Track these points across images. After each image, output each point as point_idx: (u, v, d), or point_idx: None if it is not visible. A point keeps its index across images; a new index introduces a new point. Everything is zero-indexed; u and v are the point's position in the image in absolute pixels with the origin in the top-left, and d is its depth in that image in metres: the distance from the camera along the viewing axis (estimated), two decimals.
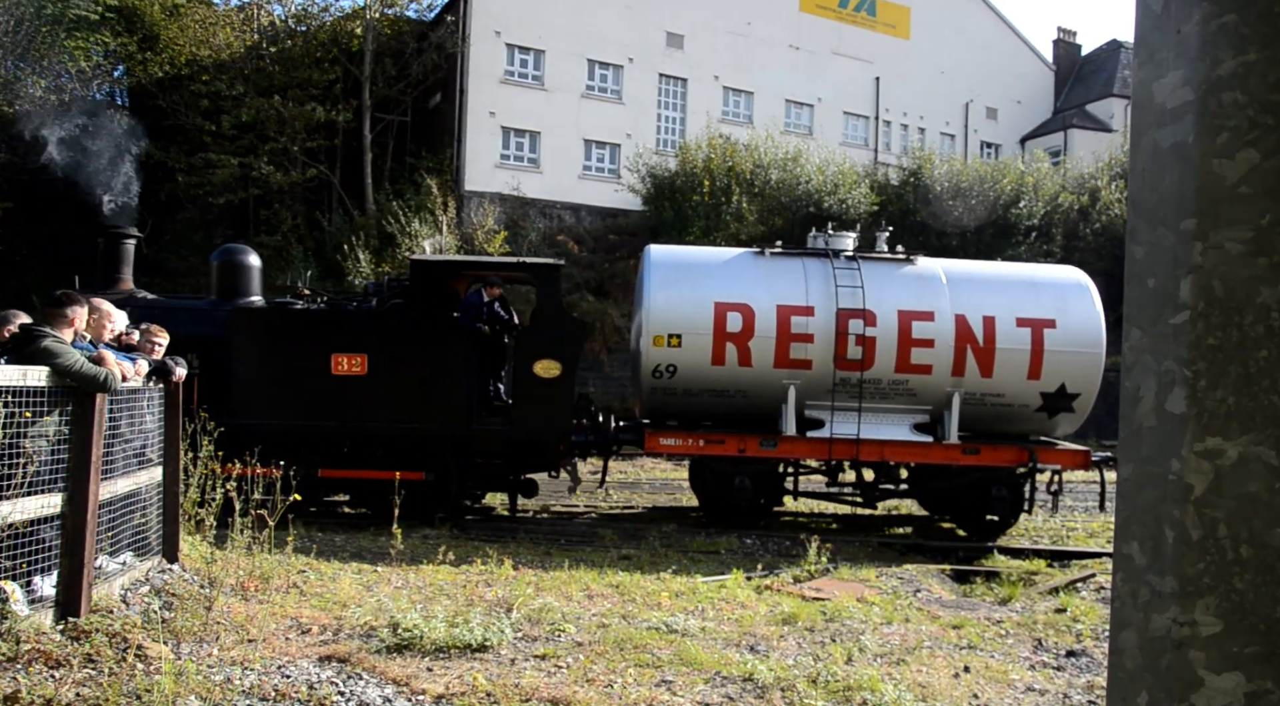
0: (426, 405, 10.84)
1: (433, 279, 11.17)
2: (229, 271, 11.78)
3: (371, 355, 10.78)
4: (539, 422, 11.00)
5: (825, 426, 11.57)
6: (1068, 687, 5.58)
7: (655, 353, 11.45)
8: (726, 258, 12.30)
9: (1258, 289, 1.34)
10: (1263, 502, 1.34)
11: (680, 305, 11.49)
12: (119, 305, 10.92)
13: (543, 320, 11.24)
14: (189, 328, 10.89)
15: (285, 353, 10.83)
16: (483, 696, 4.59)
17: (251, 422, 10.56)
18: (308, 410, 10.77)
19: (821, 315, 11.43)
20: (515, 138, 30.03)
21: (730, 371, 11.45)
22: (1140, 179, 1.47)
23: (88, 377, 4.84)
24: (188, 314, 11.30)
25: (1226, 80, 1.34)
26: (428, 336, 10.89)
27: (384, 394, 10.78)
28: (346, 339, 10.86)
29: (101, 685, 4.12)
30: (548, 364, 10.90)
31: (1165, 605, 1.38)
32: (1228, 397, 1.35)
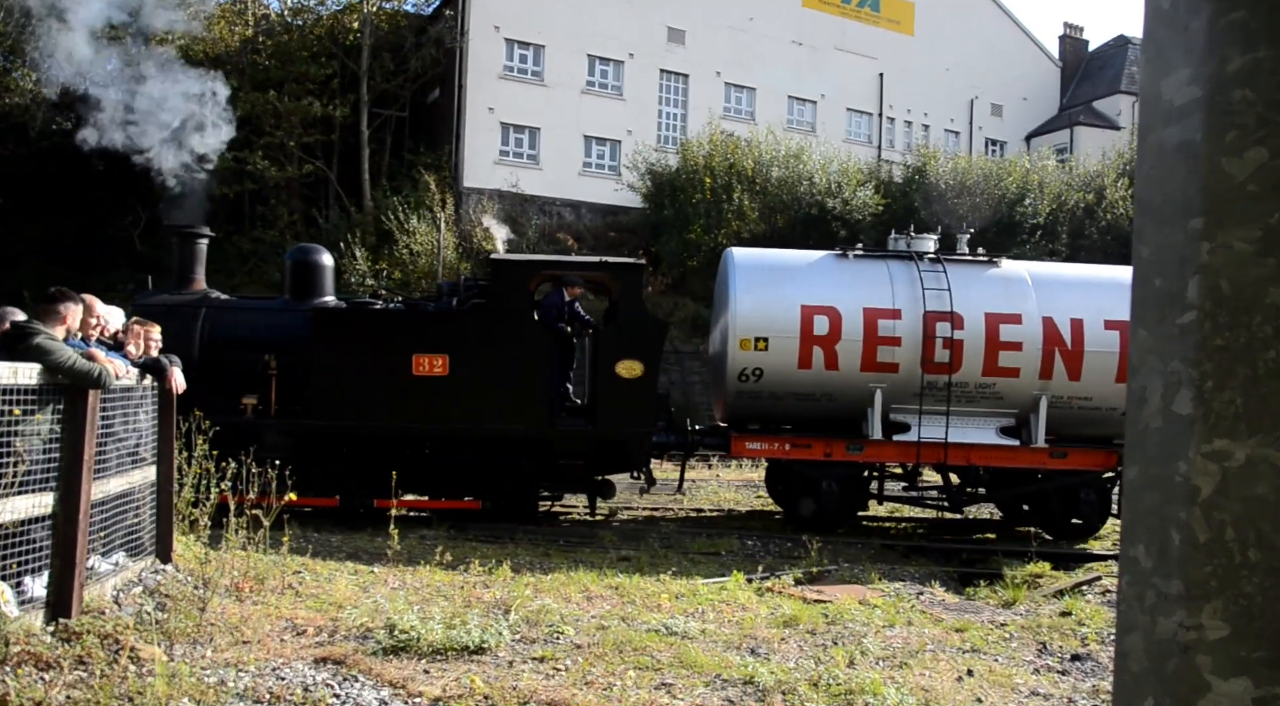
0: (508, 405, 10.84)
1: (513, 278, 11.13)
2: (302, 271, 11.81)
3: (452, 355, 10.77)
4: (621, 423, 11.00)
5: (911, 430, 11.54)
6: (1072, 692, 5.55)
7: (741, 356, 11.43)
8: (810, 260, 12.28)
9: (1266, 289, 1.31)
10: (1271, 505, 1.31)
11: (766, 308, 11.47)
12: (194, 305, 11.16)
13: (624, 320, 11.21)
14: (266, 328, 11.11)
15: (366, 353, 10.82)
16: (480, 699, 4.55)
17: (330, 424, 10.69)
18: (387, 411, 10.76)
19: (908, 318, 11.43)
20: (515, 134, 30.00)
21: (817, 375, 11.42)
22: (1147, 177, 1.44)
23: (80, 374, 4.81)
24: (264, 314, 11.39)
25: (1235, 77, 1.31)
26: (509, 336, 10.87)
27: (465, 394, 10.76)
28: (428, 339, 10.86)
29: (93, 687, 4.08)
30: (630, 364, 10.91)
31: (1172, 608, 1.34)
32: (1235, 399, 1.32)
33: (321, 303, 11.48)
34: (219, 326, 11.11)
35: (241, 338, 11.03)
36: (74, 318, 5.43)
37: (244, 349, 10.87)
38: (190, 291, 11.45)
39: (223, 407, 10.74)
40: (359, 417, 10.76)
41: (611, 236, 29.21)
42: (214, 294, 11.61)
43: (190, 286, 11.55)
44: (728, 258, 12.22)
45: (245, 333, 11.08)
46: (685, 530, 11.22)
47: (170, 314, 10.94)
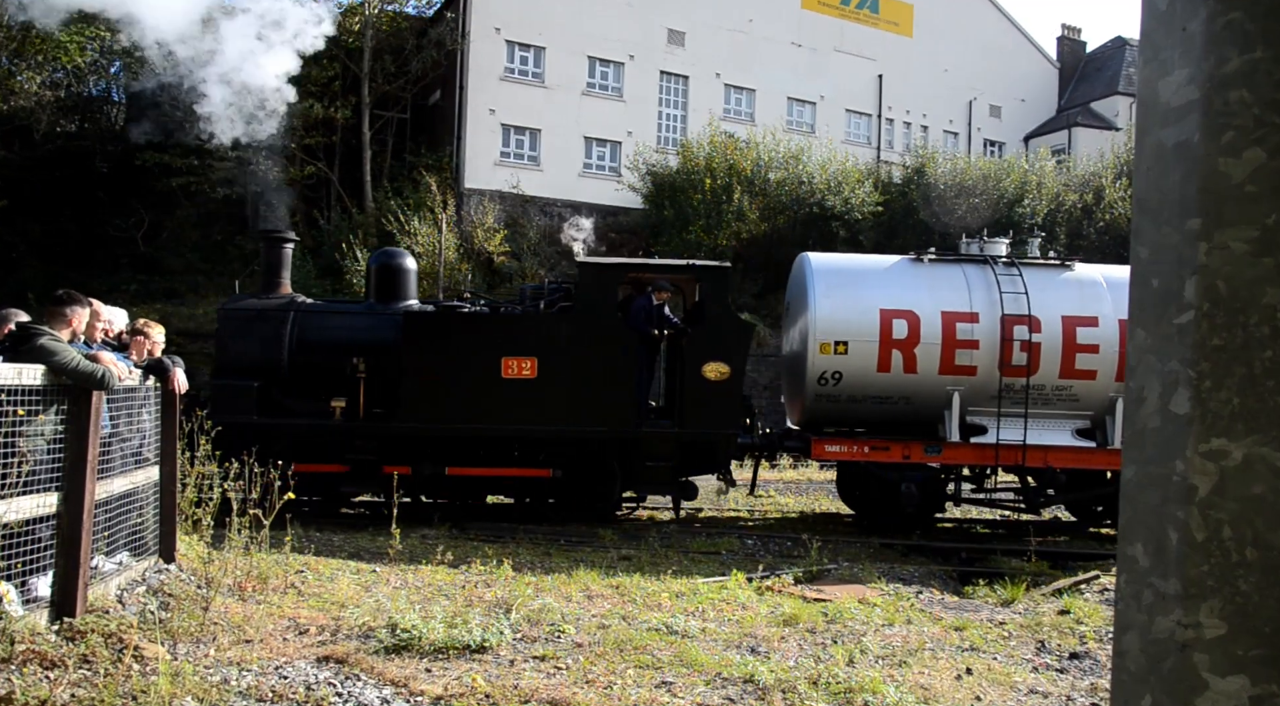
0: (596, 408, 10.93)
1: (600, 281, 11.23)
2: (387, 274, 11.87)
3: (541, 358, 10.88)
4: (707, 424, 11.09)
5: (988, 432, 11.59)
6: (1071, 690, 5.56)
7: (821, 360, 11.51)
8: (886, 264, 12.36)
9: (1263, 289, 1.32)
10: (1268, 504, 1.32)
11: (846, 312, 11.55)
12: (282, 309, 11.25)
13: (710, 322, 11.26)
14: (354, 332, 11.19)
15: (456, 356, 10.90)
16: (481, 697, 4.57)
17: (420, 426, 10.80)
18: (477, 413, 10.86)
19: (986, 321, 11.51)
20: (515, 135, 30.00)
21: (895, 378, 11.51)
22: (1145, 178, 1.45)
23: (84, 375, 4.82)
24: (351, 318, 11.46)
25: (1232, 78, 1.32)
26: (597, 339, 10.97)
27: (553, 397, 10.86)
28: (517, 342, 10.95)
29: (97, 686, 4.09)
30: (716, 366, 10.99)
31: (1169, 607, 1.36)
32: (1232, 398, 1.33)
33: (407, 306, 11.57)
34: (307, 330, 11.24)
35: (329, 341, 11.18)
36: (80, 321, 5.45)
37: (332, 352, 11.01)
38: (277, 295, 11.57)
39: (312, 411, 10.93)
40: (449, 420, 10.89)
41: (612, 237, 29.20)
42: (299, 298, 11.72)
43: (277, 290, 11.65)
44: (804, 263, 12.30)
45: (333, 336, 11.22)
46: (685, 529, 11.22)
47: (260, 318, 11.14)
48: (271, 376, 10.97)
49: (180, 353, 8.72)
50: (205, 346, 24.28)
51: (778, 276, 27.81)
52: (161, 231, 28.95)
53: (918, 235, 28.26)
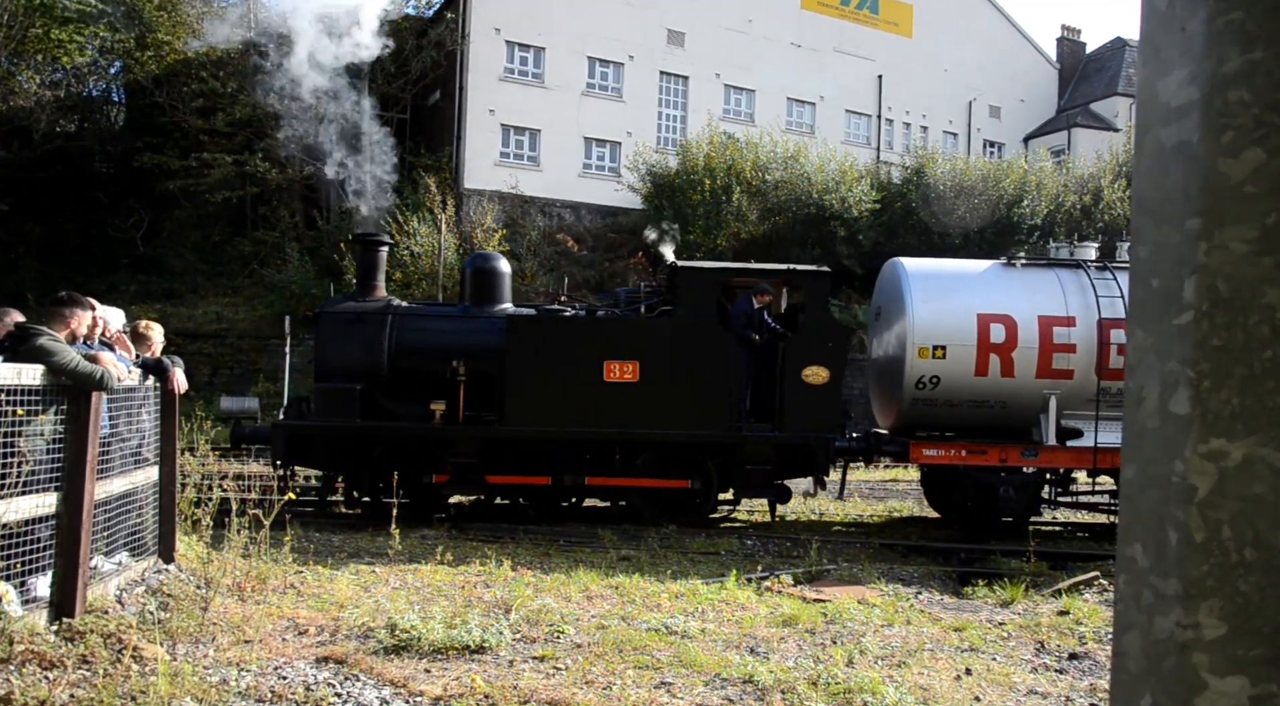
0: (697, 411, 11.01)
1: (701, 285, 11.29)
2: (482, 278, 11.93)
3: (643, 362, 10.95)
4: (807, 428, 11.16)
5: (1085, 436, 11.63)
6: (1070, 690, 5.56)
7: (919, 364, 11.58)
8: (979, 270, 12.45)
9: (1263, 289, 1.32)
10: (1268, 504, 1.32)
11: (944, 317, 11.65)
12: (380, 312, 11.31)
13: (810, 327, 11.32)
14: (453, 334, 11.26)
15: (559, 359, 10.97)
16: (481, 698, 4.57)
17: (521, 428, 10.89)
18: (579, 416, 10.93)
19: (1083, 325, 11.58)
20: (515, 136, 30.01)
21: (993, 382, 11.59)
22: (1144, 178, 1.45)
23: (83, 376, 4.82)
24: (449, 321, 11.53)
25: (1232, 78, 1.32)
26: (699, 343, 11.03)
27: (655, 400, 10.93)
28: (619, 346, 11.02)
29: (96, 686, 4.09)
30: (816, 370, 11.06)
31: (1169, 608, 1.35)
32: (1232, 399, 1.33)
33: (502, 309, 11.65)
34: (406, 333, 11.30)
35: (429, 344, 11.24)
36: (80, 323, 5.45)
37: (431, 355, 11.07)
38: (374, 298, 11.63)
39: (412, 414, 11.00)
40: (551, 423, 10.95)
41: (611, 237, 29.23)
42: (394, 300, 11.78)
43: (372, 293, 11.72)
44: (898, 268, 12.37)
45: (432, 339, 11.28)
46: (685, 530, 11.22)
47: (359, 321, 11.18)
48: (372, 379, 11.07)
49: (179, 353, 8.73)
50: (204, 346, 24.32)
51: None
52: (161, 232, 28.95)
53: (917, 236, 28.27)
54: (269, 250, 27.51)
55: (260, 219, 28.65)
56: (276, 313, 24.31)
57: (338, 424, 10.78)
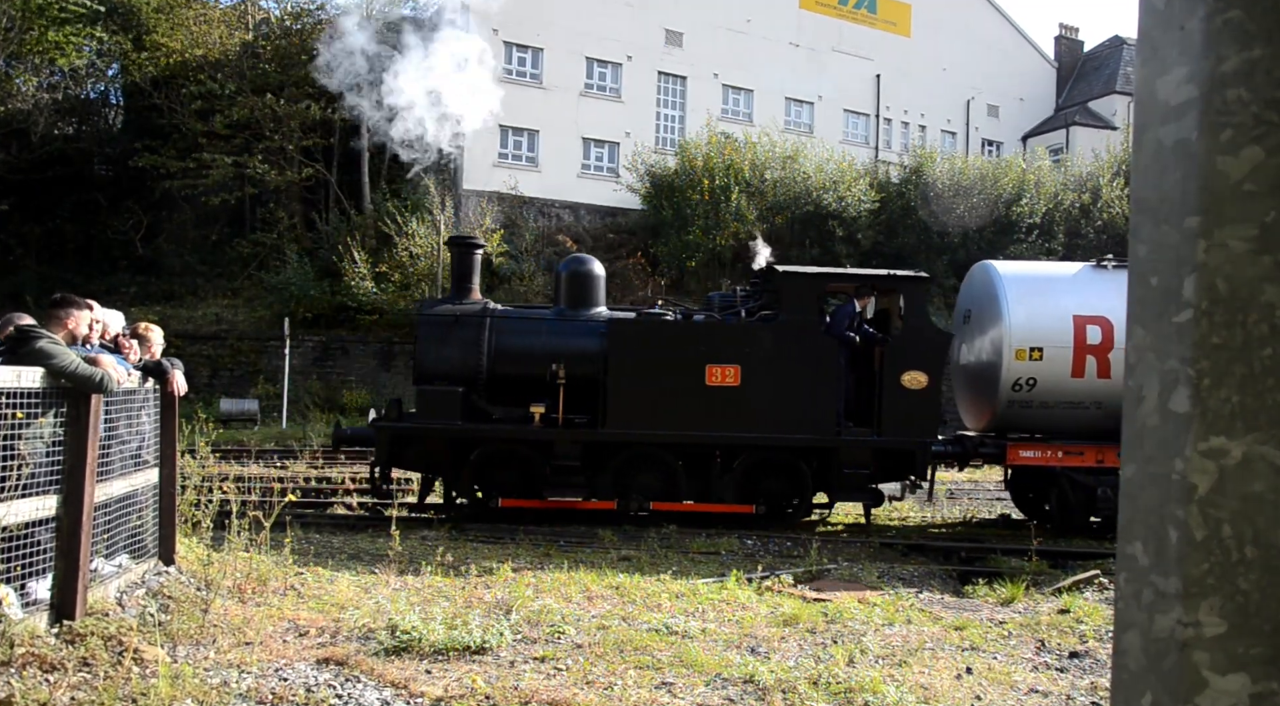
0: (797, 415, 11.07)
1: (803, 290, 11.36)
2: (577, 281, 11.98)
3: (745, 366, 11.01)
4: (905, 432, 11.24)
5: None
6: (1071, 689, 5.56)
7: (1016, 366, 11.67)
8: (1071, 272, 12.52)
9: (1262, 287, 1.32)
10: (1268, 502, 1.31)
11: (1040, 319, 11.73)
12: (479, 315, 11.38)
13: (910, 332, 11.40)
14: (552, 337, 11.34)
15: (661, 363, 11.04)
16: (481, 699, 4.57)
17: (623, 432, 11.00)
18: (681, 420, 11.01)
19: None
20: (514, 136, 30.01)
21: (1089, 383, 11.66)
22: (1143, 176, 1.45)
23: (83, 378, 4.82)
24: (547, 324, 11.58)
25: (1231, 77, 1.32)
26: (800, 347, 11.10)
27: (756, 404, 11.00)
28: (721, 350, 11.08)
29: (97, 689, 4.09)
30: (915, 375, 11.15)
31: (1169, 606, 1.35)
32: (1232, 397, 1.32)
33: (597, 312, 11.74)
34: (504, 335, 11.37)
35: (527, 347, 11.32)
36: (77, 323, 5.45)
37: (530, 358, 11.18)
38: (471, 301, 11.70)
39: (511, 416, 11.12)
40: (653, 426, 11.03)
41: (610, 238, 29.23)
42: (490, 304, 11.84)
43: (468, 296, 11.78)
44: (990, 271, 12.44)
45: (531, 342, 11.37)
46: (685, 530, 11.23)
47: (459, 323, 11.26)
48: (471, 382, 11.16)
49: (179, 355, 8.72)
50: (204, 348, 24.32)
51: None
52: (160, 233, 28.95)
53: (916, 235, 28.29)
54: (268, 251, 27.51)
55: (259, 220, 28.64)
56: (276, 314, 24.32)
57: (440, 425, 10.89)
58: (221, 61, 28.52)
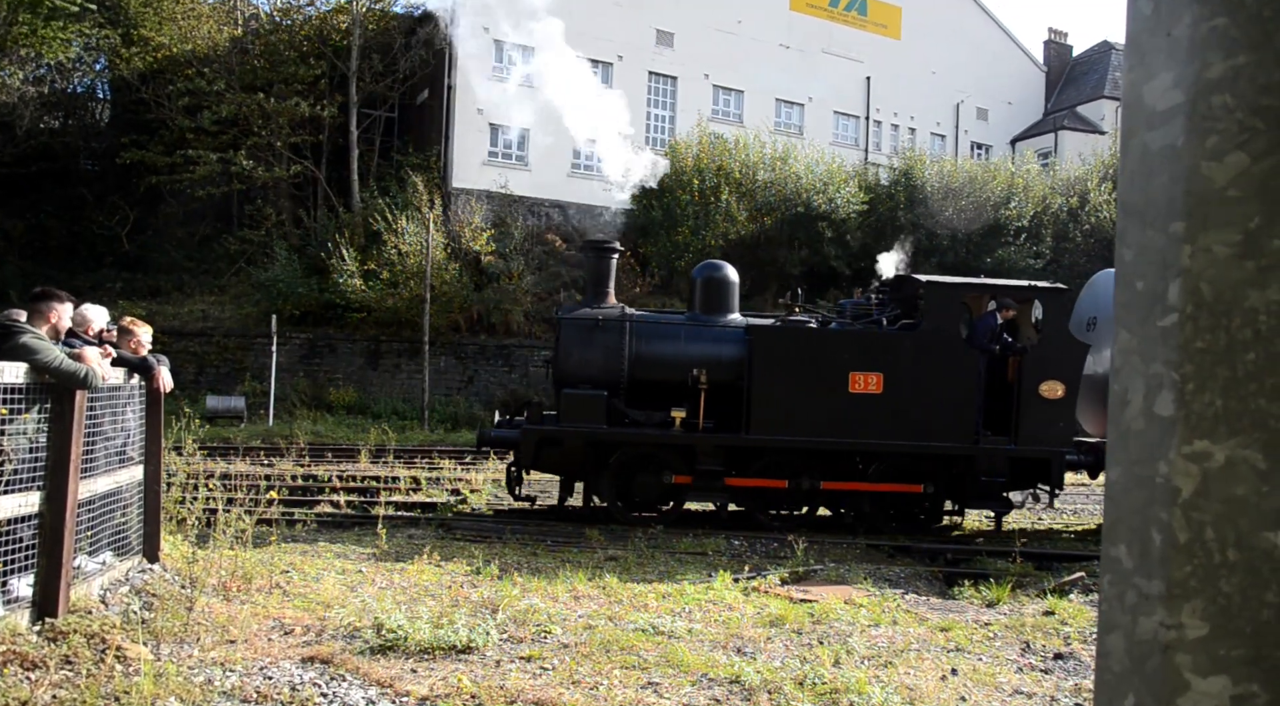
0: (937, 423, 11.17)
1: (946, 300, 11.46)
2: (713, 287, 12.08)
3: (887, 374, 11.12)
4: (1042, 441, 11.33)
5: None
6: (1055, 690, 5.58)
7: None
8: None
9: (1245, 292, 1.32)
10: (1250, 505, 1.32)
11: None
12: (619, 320, 11.47)
13: (1048, 342, 11.48)
14: (692, 343, 11.46)
15: (804, 370, 11.13)
16: (467, 698, 4.56)
17: (765, 438, 11.11)
18: (823, 427, 11.11)
19: None
20: (503, 134, 29.95)
21: None
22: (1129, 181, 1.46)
23: (67, 374, 4.79)
24: (686, 329, 11.67)
25: (1216, 83, 1.32)
26: (942, 356, 11.20)
27: (897, 412, 11.11)
28: (864, 358, 11.17)
29: (79, 687, 4.07)
30: (1052, 385, 11.25)
31: (1152, 608, 1.36)
32: (1215, 401, 1.33)
33: (732, 318, 11.85)
34: (644, 340, 11.51)
35: (667, 352, 11.46)
36: (60, 316, 5.41)
37: (671, 363, 11.32)
38: (608, 305, 11.79)
39: (650, 420, 11.25)
40: (795, 432, 11.14)
41: (599, 237, 29.21)
42: (625, 308, 11.91)
43: (604, 300, 11.87)
44: (1107, 280, 12.43)
45: (670, 347, 11.49)
46: (672, 530, 11.23)
47: (600, 328, 11.38)
48: (612, 386, 11.29)
49: (165, 351, 8.67)
50: (190, 344, 24.19)
51: (764, 277, 27.89)
52: (146, 229, 28.77)
53: (904, 237, 28.35)
54: (256, 248, 27.38)
55: (247, 217, 28.50)
56: (263, 311, 24.20)
57: (586, 428, 11.02)
58: (210, 57, 28.35)
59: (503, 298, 25.31)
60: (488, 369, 25.36)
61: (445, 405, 24.08)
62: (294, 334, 24.67)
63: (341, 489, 12.98)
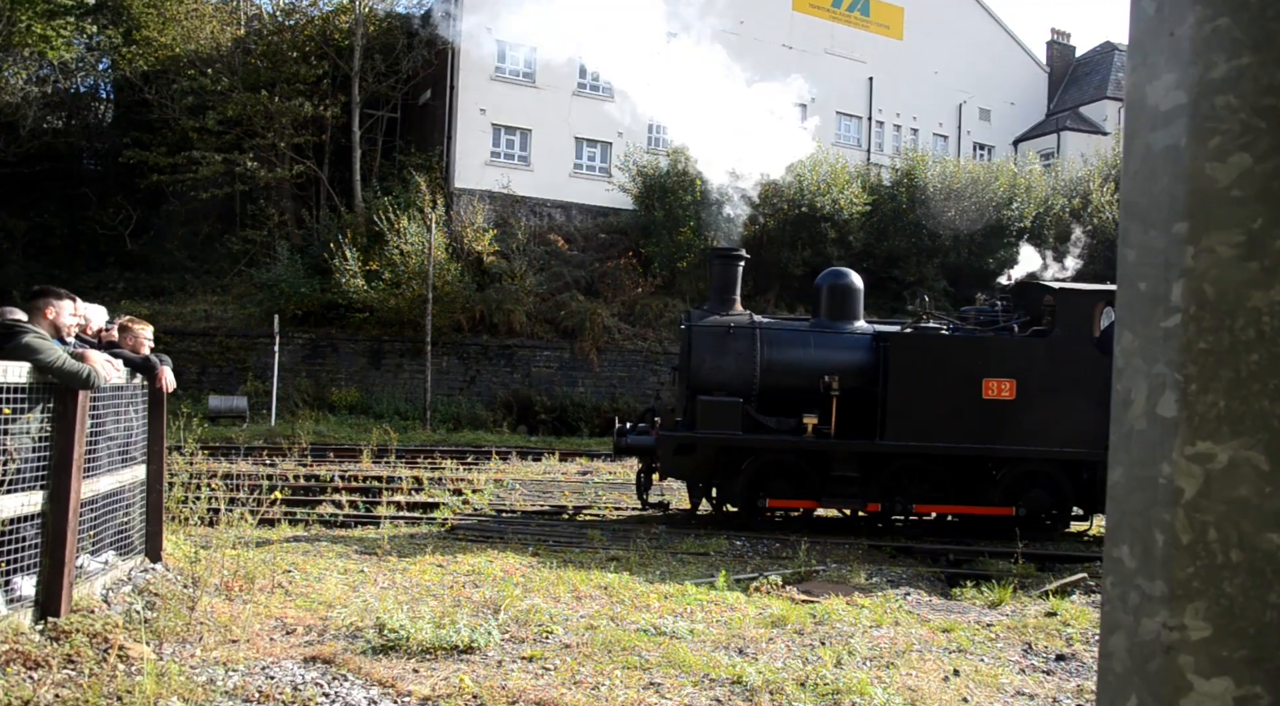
0: (1069, 429, 11.21)
1: (1079, 307, 11.51)
2: (839, 294, 12.23)
3: (1020, 380, 11.21)
4: None
5: None
6: (1057, 692, 5.58)
7: None
8: None
9: (1249, 293, 1.32)
10: (1253, 506, 1.32)
11: None
12: (750, 327, 11.58)
13: None
14: (822, 349, 11.62)
15: (938, 377, 11.26)
16: (469, 698, 4.56)
17: (900, 443, 11.22)
18: (956, 432, 11.22)
19: None
20: (506, 135, 29.96)
21: None
22: (1132, 181, 1.45)
23: (70, 374, 4.79)
24: (816, 336, 11.82)
25: (1219, 84, 1.32)
26: (1074, 363, 11.23)
27: (1029, 417, 11.19)
28: (997, 364, 11.28)
29: (81, 686, 4.07)
30: None
31: (1155, 609, 1.35)
32: (1218, 401, 1.33)
33: (859, 325, 11.98)
34: (774, 347, 11.63)
35: (797, 359, 11.60)
36: (60, 313, 5.41)
37: (800, 370, 11.46)
38: (735, 312, 11.94)
39: (783, 426, 11.40)
40: (929, 438, 11.23)
41: (602, 238, 29.22)
42: (755, 315, 12.04)
43: (731, 307, 12.00)
44: None
45: (800, 354, 11.63)
46: (674, 530, 11.23)
47: (733, 335, 11.54)
48: (744, 393, 11.40)
49: (167, 351, 8.68)
50: (193, 344, 24.21)
51: (766, 278, 27.89)
52: (149, 229, 28.80)
53: (907, 237, 28.36)
54: (258, 248, 27.41)
55: (249, 217, 28.52)
56: (265, 311, 24.22)
57: (723, 435, 11.13)
58: (213, 57, 28.36)
59: (505, 298, 25.31)
60: (490, 369, 25.36)
61: (447, 405, 24.09)
62: (296, 334, 24.69)
63: (344, 489, 12.99)
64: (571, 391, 24.92)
